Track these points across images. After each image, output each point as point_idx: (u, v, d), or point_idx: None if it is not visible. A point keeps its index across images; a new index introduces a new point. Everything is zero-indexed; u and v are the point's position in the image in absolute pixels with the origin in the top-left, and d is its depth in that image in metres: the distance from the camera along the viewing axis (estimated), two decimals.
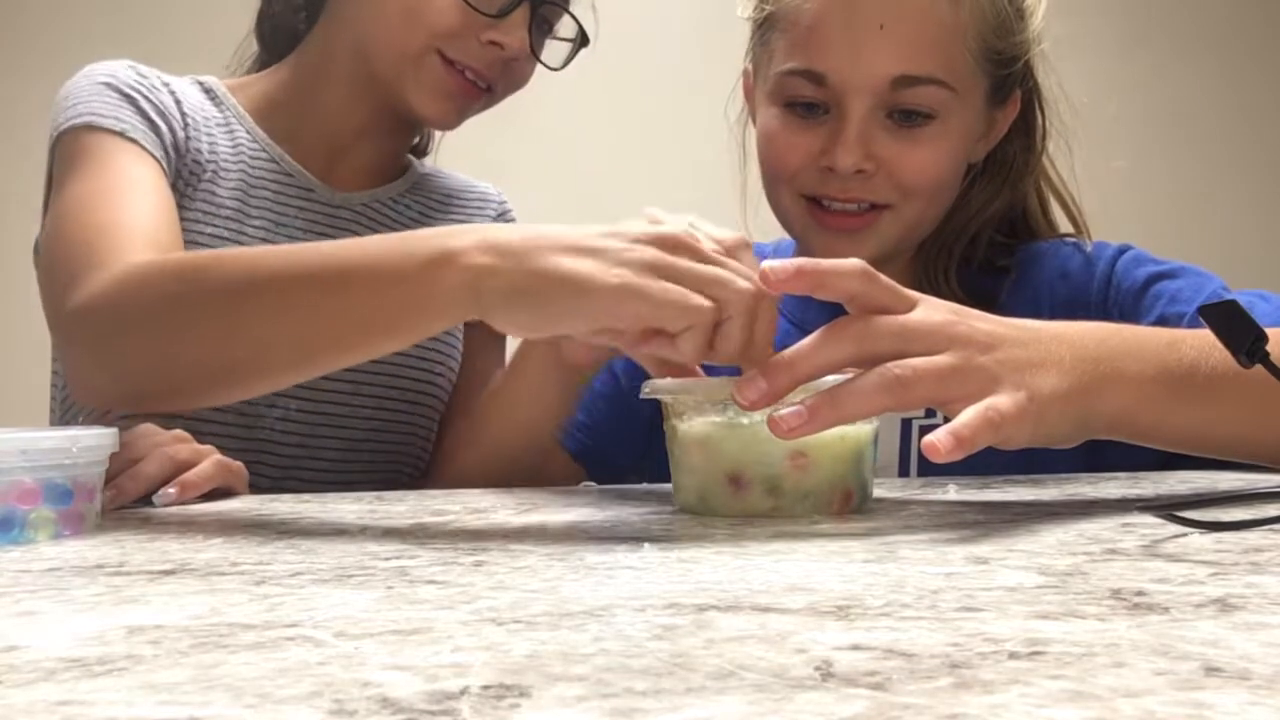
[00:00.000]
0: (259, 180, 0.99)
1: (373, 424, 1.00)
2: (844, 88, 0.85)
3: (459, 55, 0.93)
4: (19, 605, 0.38)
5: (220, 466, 0.75)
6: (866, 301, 0.57)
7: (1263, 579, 0.37)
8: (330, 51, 0.99)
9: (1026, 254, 0.96)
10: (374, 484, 0.99)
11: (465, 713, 0.24)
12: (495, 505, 0.66)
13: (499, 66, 0.95)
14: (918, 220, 0.90)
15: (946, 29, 0.85)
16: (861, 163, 0.85)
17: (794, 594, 0.36)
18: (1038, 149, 0.96)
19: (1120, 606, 0.33)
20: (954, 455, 0.51)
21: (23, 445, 0.53)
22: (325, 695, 0.25)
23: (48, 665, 0.29)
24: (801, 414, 0.53)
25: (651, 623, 0.32)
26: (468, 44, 0.92)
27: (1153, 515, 0.51)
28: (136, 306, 0.70)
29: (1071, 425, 0.59)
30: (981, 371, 0.55)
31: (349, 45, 0.97)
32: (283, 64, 1.04)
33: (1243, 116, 2.80)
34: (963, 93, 0.87)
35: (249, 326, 0.66)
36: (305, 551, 0.49)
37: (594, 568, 0.43)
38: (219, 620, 0.34)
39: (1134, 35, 2.75)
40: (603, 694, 0.25)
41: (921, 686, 0.25)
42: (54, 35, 2.53)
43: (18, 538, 0.53)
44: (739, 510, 0.58)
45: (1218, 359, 0.60)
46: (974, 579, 0.38)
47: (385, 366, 1.00)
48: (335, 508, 0.67)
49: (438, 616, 0.34)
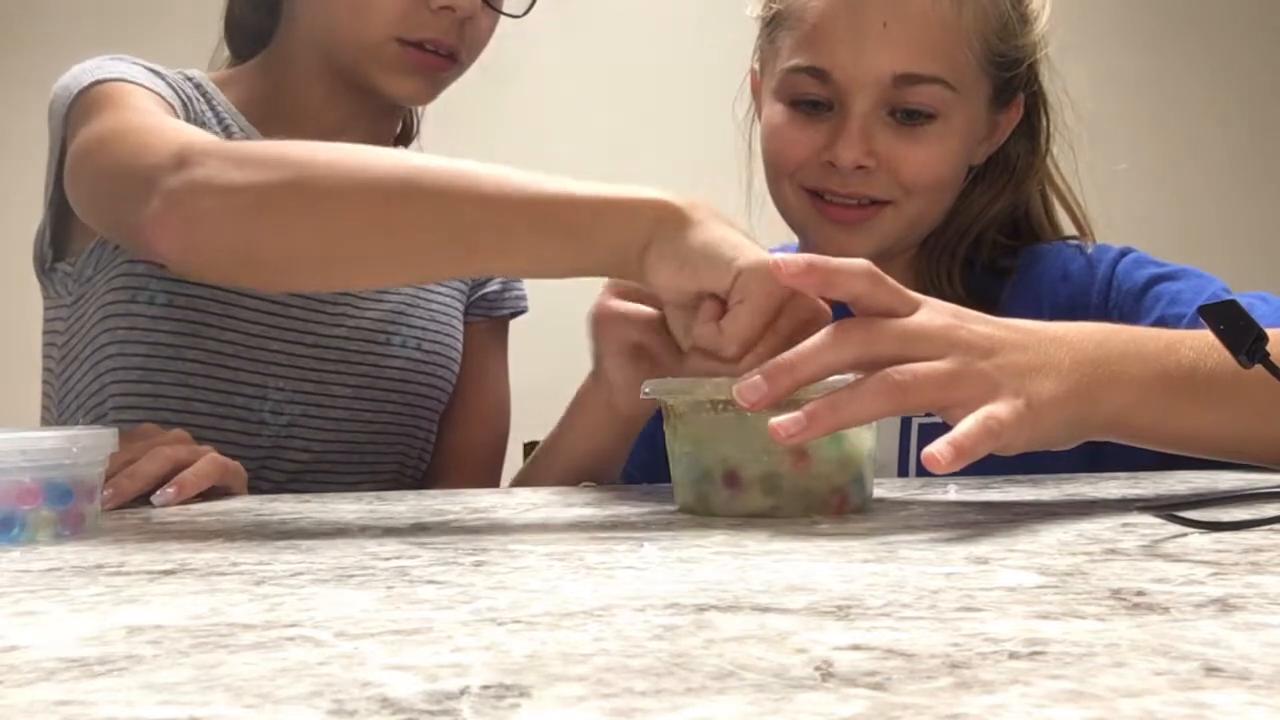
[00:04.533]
0: None
1: (374, 428, 1.00)
2: (847, 84, 0.86)
3: (416, 33, 0.91)
4: (19, 605, 0.38)
5: (218, 465, 0.75)
6: (870, 303, 0.57)
7: (1263, 579, 0.37)
8: (294, 50, 0.98)
9: (1029, 255, 0.96)
10: (375, 486, 0.99)
11: (465, 713, 0.24)
12: (495, 505, 0.66)
13: (456, 30, 0.93)
14: (918, 218, 0.90)
15: (949, 30, 0.86)
16: (862, 158, 0.86)
17: (794, 594, 0.36)
18: (1041, 151, 0.97)
19: (1120, 606, 0.33)
20: (954, 466, 0.52)
21: (23, 445, 0.53)
22: (325, 695, 0.25)
23: (48, 665, 0.29)
24: (800, 420, 0.53)
25: (651, 623, 0.32)
26: (421, 18, 0.91)
27: (1153, 515, 0.51)
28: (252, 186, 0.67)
29: (1070, 428, 0.59)
30: (981, 377, 0.56)
31: (310, 43, 0.96)
32: (254, 64, 1.03)
33: (1246, 120, 2.80)
34: (964, 93, 0.87)
35: (405, 226, 0.65)
36: (305, 551, 0.49)
37: (594, 568, 0.43)
38: (219, 620, 0.34)
39: (1137, 38, 2.75)
40: (603, 694, 0.25)
41: (921, 686, 0.25)
42: (54, 35, 2.53)
43: (18, 538, 0.53)
44: (738, 510, 0.58)
45: (1217, 360, 0.60)
46: (974, 579, 0.38)
47: (389, 370, 1.00)
48: (335, 508, 0.67)
49: (438, 616, 0.34)
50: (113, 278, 0.92)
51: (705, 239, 0.61)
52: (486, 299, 1.11)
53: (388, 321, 1.01)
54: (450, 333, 1.06)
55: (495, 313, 1.12)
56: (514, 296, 1.13)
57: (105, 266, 0.93)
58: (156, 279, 0.91)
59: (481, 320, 1.11)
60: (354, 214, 0.66)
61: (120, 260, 0.92)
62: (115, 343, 0.91)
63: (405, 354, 1.01)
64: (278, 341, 0.95)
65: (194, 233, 0.68)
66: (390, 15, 0.91)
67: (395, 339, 1.01)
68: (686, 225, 0.62)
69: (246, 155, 0.69)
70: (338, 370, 0.98)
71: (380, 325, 1.01)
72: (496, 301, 1.12)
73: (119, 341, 0.91)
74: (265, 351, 0.94)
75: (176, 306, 0.91)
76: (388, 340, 1.01)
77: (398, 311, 1.02)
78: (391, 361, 1.00)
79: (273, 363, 0.94)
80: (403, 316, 1.02)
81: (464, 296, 1.10)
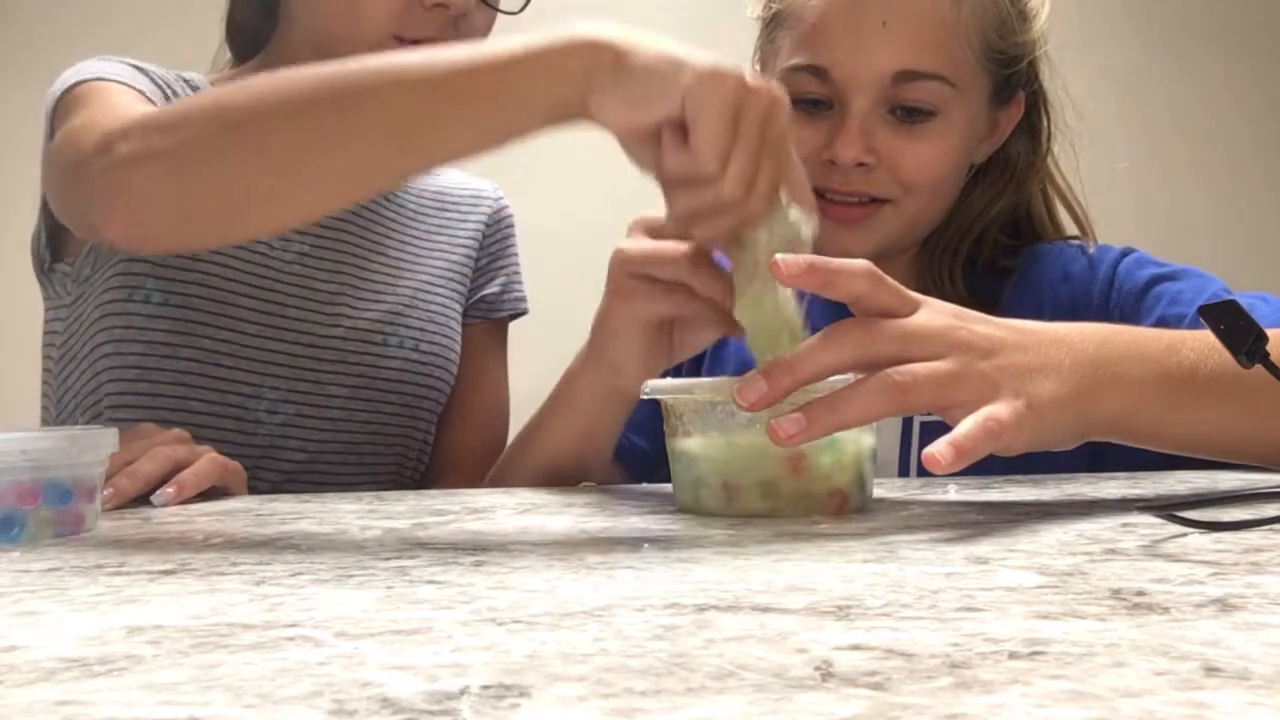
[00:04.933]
0: None
1: (372, 428, 1.00)
2: (846, 82, 0.86)
3: (412, 31, 0.91)
4: (19, 605, 0.38)
5: (217, 465, 0.75)
6: (871, 304, 0.57)
7: (1263, 579, 0.37)
8: (291, 52, 0.97)
9: (1030, 255, 0.96)
10: (373, 487, 0.99)
11: (465, 713, 0.24)
12: (495, 505, 0.66)
13: (451, 28, 0.93)
14: (918, 216, 0.91)
15: (948, 27, 0.86)
16: (862, 156, 0.86)
17: (794, 594, 0.36)
18: (1042, 150, 0.97)
19: (1120, 606, 0.33)
20: (954, 467, 0.52)
21: (23, 445, 0.53)
22: (325, 695, 0.25)
23: (48, 665, 0.29)
24: (800, 421, 0.53)
25: (651, 623, 0.32)
26: (415, 16, 0.91)
27: (1153, 515, 0.51)
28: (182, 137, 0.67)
29: (1070, 429, 0.59)
30: (981, 378, 0.56)
31: (306, 45, 0.96)
32: (252, 66, 1.02)
33: (1247, 119, 2.80)
34: (964, 90, 0.88)
35: (337, 135, 0.63)
36: (305, 551, 0.49)
37: (594, 568, 0.43)
38: (219, 620, 0.34)
39: (1138, 37, 2.75)
40: (603, 694, 0.25)
41: (921, 686, 0.25)
42: (55, 37, 2.53)
43: (18, 538, 0.53)
44: (736, 512, 0.58)
45: (1217, 361, 0.60)
46: (974, 579, 0.38)
47: (386, 371, 1.00)
48: (335, 508, 0.67)
49: (438, 616, 0.34)
50: (110, 276, 0.92)
51: (643, 65, 0.59)
52: (485, 300, 1.11)
53: (384, 322, 1.01)
54: (448, 333, 1.06)
55: (494, 314, 1.12)
56: (513, 298, 1.13)
57: (102, 266, 0.93)
58: (153, 278, 0.91)
59: (480, 322, 1.11)
60: (283, 138, 0.63)
61: (117, 259, 0.92)
62: (112, 341, 0.91)
63: (402, 354, 1.01)
64: (275, 341, 0.95)
65: (135, 210, 0.68)
66: (385, 15, 0.90)
67: (392, 339, 1.01)
68: (621, 57, 0.59)
69: (164, 118, 0.68)
70: (334, 370, 0.98)
71: (377, 326, 1.01)
72: (495, 303, 1.12)
73: (115, 340, 0.91)
74: (261, 351, 0.94)
75: (173, 305, 0.91)
76: (384, 340, 1.01)
77: (395, 312, 1.02)
78: (388, 362, 1.00)
79: (269, 362, 0.94)
80: (400, 317, 1.02)
81: (463, 298, 1.10)
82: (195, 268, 0.92)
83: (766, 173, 0.60)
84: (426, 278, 1.06)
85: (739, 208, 0.59)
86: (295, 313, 0.96)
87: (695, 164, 0.58)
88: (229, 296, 0.93)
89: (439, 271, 1.07)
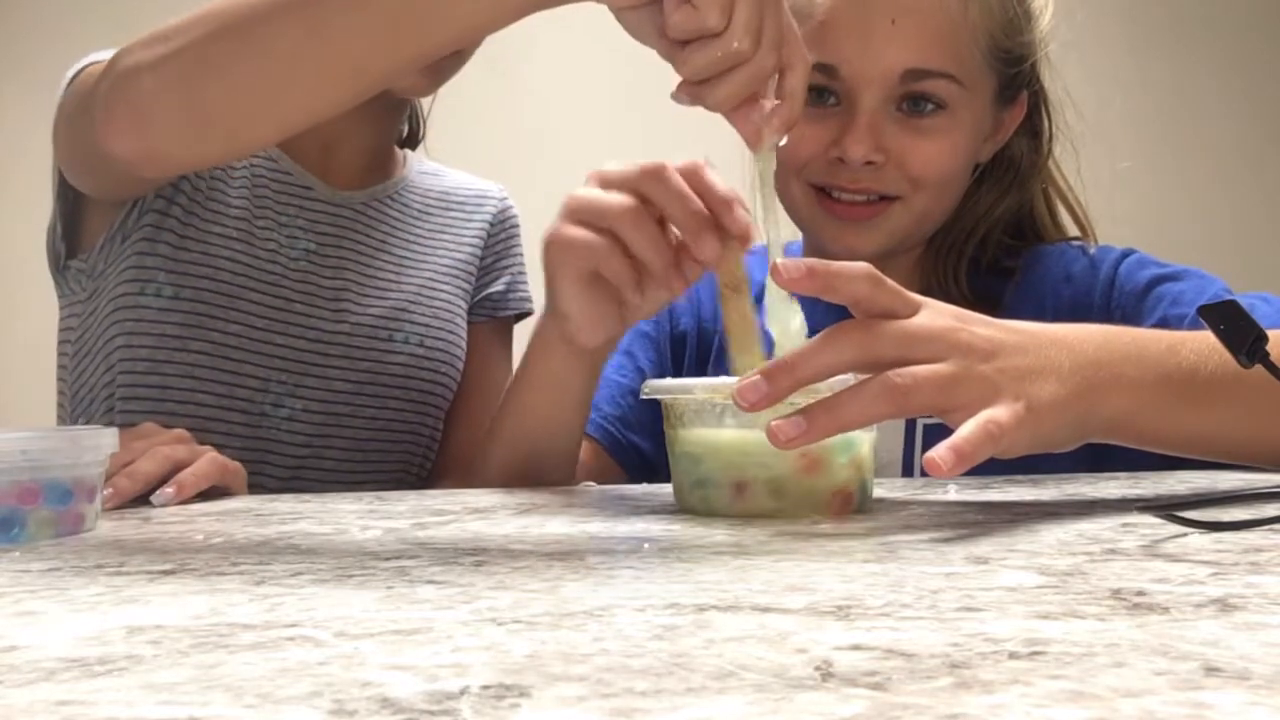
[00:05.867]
0: (260, 180, 0.99)
1: (378, 424, 1.00)
2: (855, 80, 0.86)
3: None
4: (19, 605, 0.38)
5: (217, 465, 0.76)
6: (871, 305, 0.57)
7: (1263, 579, 0.37)
8: None
9: (1031, 256, 0.96)
10: (380, 484, 0.99)
11: (465, 713, 0.24)
12: (495, 505, 0.66)
13: None
14: (925, 213, 0.91)
15: (956, 25, 0.86)
16: (871, 154, 0.86)
17: (794, 594, 0.36)
18: (1044, 150, 0.97)
19: (1120, 606, 0.33)
20: (955, 470, 0.52)
21: (23, 445, 0.53)
22: (325, 695, 0.25)
23: (48, 665, 0.29)
24: (800, 424, 0.53)
25: (651, 623, 0.32)
26: None
27: (1153, 515, 0.51)
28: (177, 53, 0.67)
29: (1070, 431, 0.59)
30: (981, 380, 0.56)
31: None
32: None
33: (1248, 119, 2.80)
34: (971, 88, 0.88)
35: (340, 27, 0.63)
36: (305, 551, 0.49)
37: (594, 568, 0.43)
38: (219, 620, 0.34)
39: (1139, 37, 2.75)
40: (603, 694, 0.25)
41: (921, 686, 0.25)
42: (63, 38, 2.53)
43: (18, 538, 0.53)
44: (741, 512, 0.58)
45: (1218, 362, 0.60)
46: (974, 579, 0.38)
47: (391, 367, 1.00)
48: (335, 508, 0.67)
49: (438, 616, 0.34)
50: (123, 270, 0.94)
51: None
52: (491, 299, 1.11)
53: (389, 318, 1.02)
54: (453, 330, 1.07)
55: (499, 313, 1.12)
56: (518, 298, 1.13)
57: (116, 260, 0.95)
58: (165, 272, 0.93)
59: (485, 321, 1.11)
60: (285, 35, 0.64)
61: (130, 253, 0.94)
62: (124, 334, 0.93)
63: (408, 350, 1.02)
64: (281, 336, 0.96)
65: (142, 120, 0.68)
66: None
67: (398, 335, 1.02)
68: None
69: (165, 31, 0.69)
70: (340, 365, 0.98)
71: (382, 322, 1.01)
72: (501, 303, 1.12)
73: (128, 333, 0.92)
74: (268, 345, 0.95)
75: (183, 299, 0.92)
76: (390, 336, 1.01)
77: (399, 308, 1.03)
78: (394, 358, 1.01)
79: (275, 356, 0.95)
80: (404, 313, 1.03)
81: (468, 296, 1.10)
82: (206, 261, 0.94)
83: (771, 22, 0.59)
84: (431, 275, 1.06)
85: (749, 61, 0.59)
86: (300, 308, 0.97)
87: (700, 18, 0.58)
88: (238, 290, 0.94)
89: (443, 269, 1.08)
